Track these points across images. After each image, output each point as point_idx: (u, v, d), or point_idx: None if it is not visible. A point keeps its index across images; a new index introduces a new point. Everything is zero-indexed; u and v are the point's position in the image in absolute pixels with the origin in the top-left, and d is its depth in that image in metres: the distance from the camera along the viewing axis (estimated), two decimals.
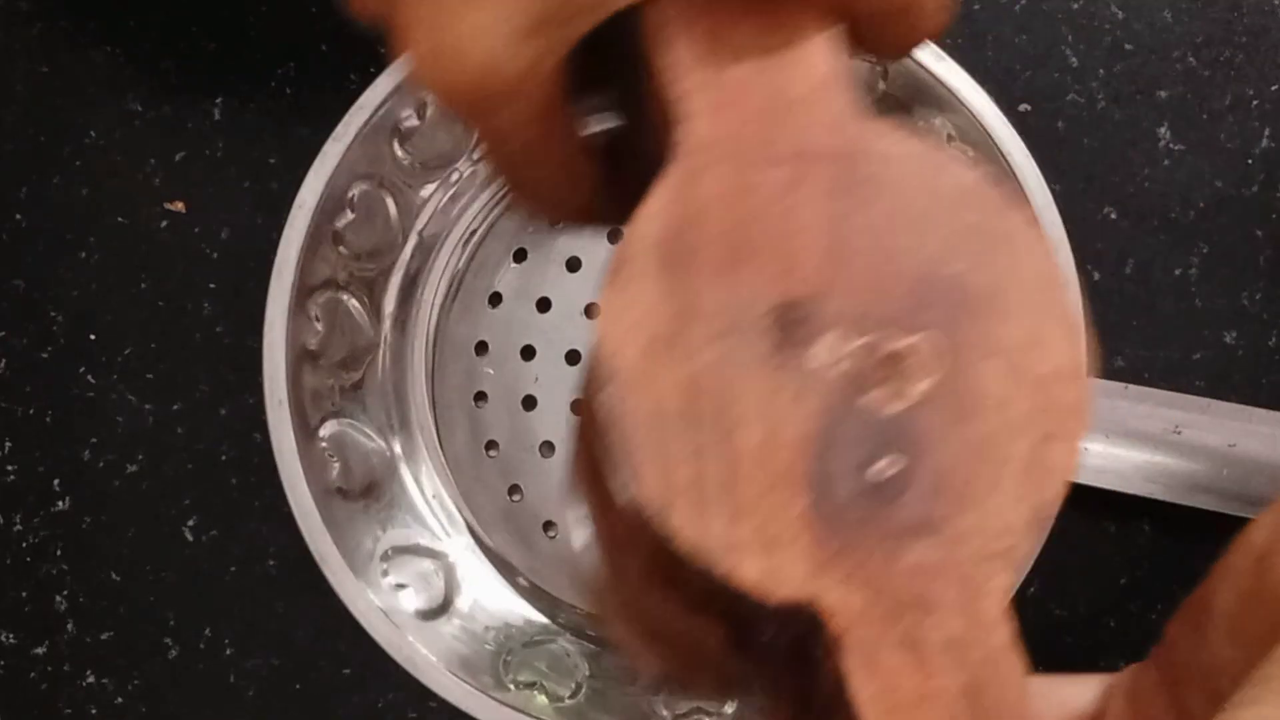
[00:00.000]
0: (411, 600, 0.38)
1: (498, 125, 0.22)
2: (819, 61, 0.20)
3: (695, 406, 0.18)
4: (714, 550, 0.18)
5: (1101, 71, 0.45)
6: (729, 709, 0.38)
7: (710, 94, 0.20)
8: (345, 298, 0.40)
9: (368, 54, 0.43)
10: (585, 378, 0.19)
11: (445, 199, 0.42)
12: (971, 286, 0.19)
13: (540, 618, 0.41)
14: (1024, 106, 0.44)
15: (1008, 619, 0.18)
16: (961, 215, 0.20)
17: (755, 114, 0.20)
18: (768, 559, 0.18)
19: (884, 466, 0.18)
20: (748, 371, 0.19)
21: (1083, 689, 0.23)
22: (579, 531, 0.22)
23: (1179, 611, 0.21)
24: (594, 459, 0.20)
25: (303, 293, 0.38)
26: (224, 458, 0.43)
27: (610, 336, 0.19)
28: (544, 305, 0.43)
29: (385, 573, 0.38)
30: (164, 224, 0.45)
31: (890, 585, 0.18)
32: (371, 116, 0.38)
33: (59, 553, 0.43)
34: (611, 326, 0.19)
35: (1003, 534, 0.18)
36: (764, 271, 0.19)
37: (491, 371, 0.42)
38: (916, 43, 0.23)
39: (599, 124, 0.25)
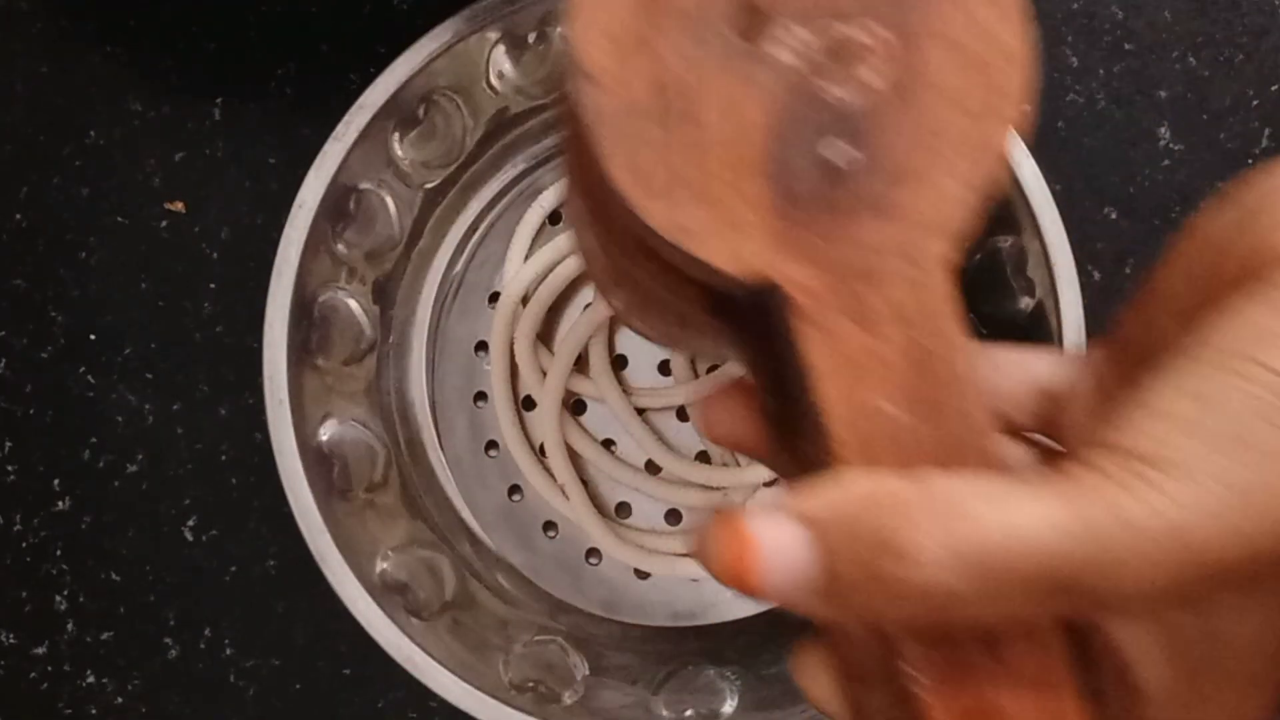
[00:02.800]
0: (412, 600, 0.38)
1: None
2: None
3: (663, 100, 0.20)
4: (682, 232, 0.19)
5: (1101, 71, 0.45)
6: (727, 708, 0.38)
7: None
8: (345, 298, 0.40)
9: (368, 54, 0.43)
10: (566, 76, 0.21)
11: (445, 199, 0.42)
12: None
13: (540, 618, 0.41)
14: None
15: (949, 288, 0.20)
16: None
17: None
18: (730, 239, 0.19)
19: (837, 149, 0.20)
20: (711, 65, 0.20)
21: (1049, 360, 0.24)
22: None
23: (1130, 300, 0.22)
24: (577, 150, 0.21)
25: (303, 293, 0.38)
26: (224, 458, 0.44)
27: (581, 37, 0.20)
28: None
29: (385, 572, 0.38)
30: (164, 224, 0.45)
31: (841, 259, 0.20)
32: (372, 117, 0.38)
33: (59, 553, 0.43)
34: (582, 28, 0.20)
35: (946, 209, 0.20)
36: None
37: (491, 371, 0.42)
38: None
39: None
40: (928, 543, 0.17)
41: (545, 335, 0.42)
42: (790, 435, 0.21)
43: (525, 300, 0.42)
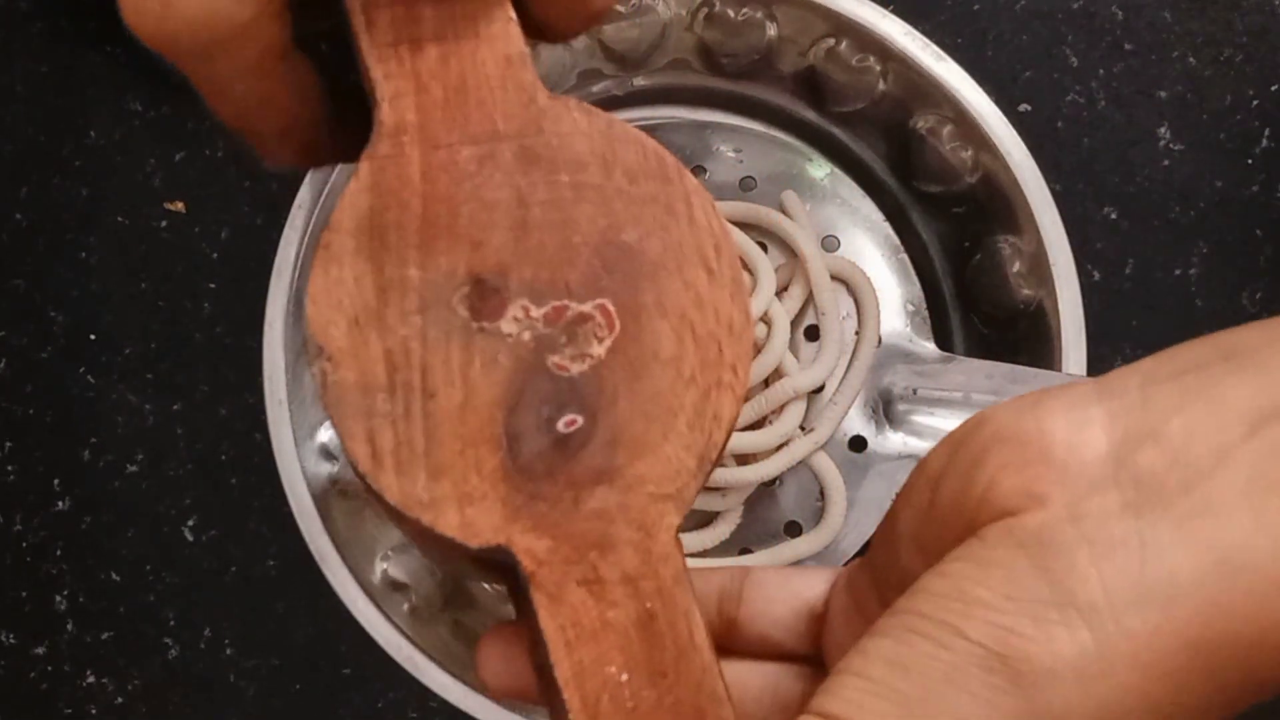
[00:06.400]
0: (411, 600, 0.38)
1: (217, 73, 0.22)
2: (503, 44, 0.22)
3: (398, 376, 0.20)
4: (417, 506, 0.20)
5: (1101, 71, 0.45)
6: None
7: (403, 79, 0.22)
8: None
9: None
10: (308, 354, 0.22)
11: None
12: (645, 252, 0.21)
13: None
14: (1024, 106, 0.45)
15: (677, 554, 0.20)
16: (636, 186, 0.22)
17: (445, 97, 0.22)
18: (464, 511, 0.20)
19: (568, 422, 0.21)
20: (445, 341, 0.21)
21: (814, 580, 0.25)
22: None
23: (878, 527, 0.23)
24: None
25: (303, 293, 0.38)
26: (224, 458, 0.44)
27: (317, 316, 0.21)
28: None
29: (385, 572, 0.38)
30: (164, 224, 0.45)
31: (574, 529, 0.20)
32: None
33: (59, 553, 0.43)
34: (318, 307, 0.21)
35: (673, 478, 0.21)
36: (457, 247, 0.21)
37: None
38: (585, 24, 0.24)
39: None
40: None
41: None
42: (546, 691, 0.22)
43: None
